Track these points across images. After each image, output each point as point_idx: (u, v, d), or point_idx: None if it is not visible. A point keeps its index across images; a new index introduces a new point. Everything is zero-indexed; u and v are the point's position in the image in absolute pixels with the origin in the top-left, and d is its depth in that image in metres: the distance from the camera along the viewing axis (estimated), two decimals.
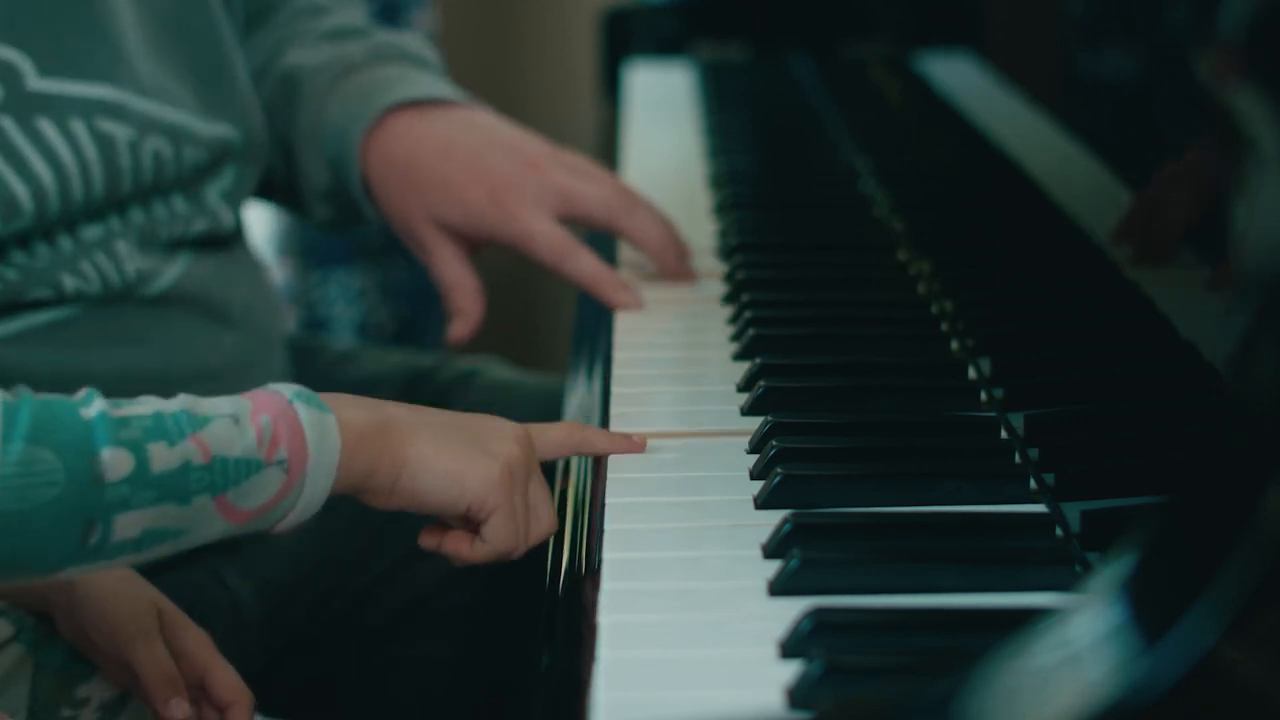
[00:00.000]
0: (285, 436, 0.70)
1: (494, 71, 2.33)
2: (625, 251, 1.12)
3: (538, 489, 0.79)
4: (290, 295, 2.17)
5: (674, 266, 1.08)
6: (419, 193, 1.06)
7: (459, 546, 0.77)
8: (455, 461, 0.75)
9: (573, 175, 1.06)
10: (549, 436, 0.81)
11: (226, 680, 0.85)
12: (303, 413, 0.71)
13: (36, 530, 0.65)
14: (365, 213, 1.10)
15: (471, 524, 0.78)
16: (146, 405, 0.69)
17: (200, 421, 0.69)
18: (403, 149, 1.06)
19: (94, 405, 0.68)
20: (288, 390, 0.73)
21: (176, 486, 0.68)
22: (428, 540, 0.78)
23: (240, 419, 0.70)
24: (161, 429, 0.68)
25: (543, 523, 0.79)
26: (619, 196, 1.06)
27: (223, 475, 0.69)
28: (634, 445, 0.83)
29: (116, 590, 0.86)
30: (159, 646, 0.85)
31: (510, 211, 1.04)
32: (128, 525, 0.67)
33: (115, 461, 0.66)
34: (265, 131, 1.09)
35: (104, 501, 0.66)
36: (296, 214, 1.19)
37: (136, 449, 0.67)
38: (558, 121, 2.30)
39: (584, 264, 1.04)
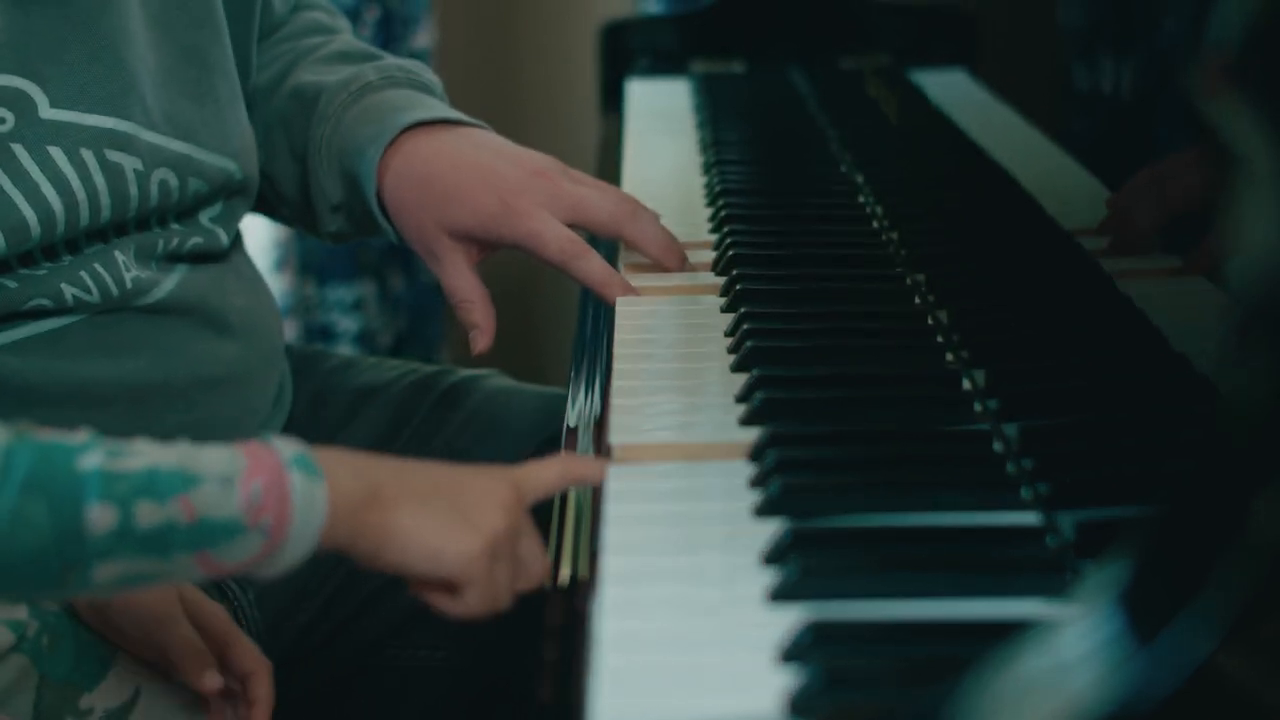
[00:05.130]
0: (273, 506, 0.72)
1: (493, 88, 2.34)
2: (627, 257, 1.13)
3: (528, 543, 0.79)
4: (289, 307, 2.18)
5: (676, 268, 1.11)
6: (432, 205, 1.07)
7: (442, 603, 0.78)
8: (435, 537, 0.76)
9: (579, 184, 1.08)
10: (541, 480, 0.81)
11: (246, 651, 0.90)
12: (295, 481, 0.72)
13: (17, 571, 0.68)
14: (379, 226, 1.11)
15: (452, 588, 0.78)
16: (144, 456, 0.70)
17: (192, 482, 0.70)
18: (416, 166, 1.08)
19: (92, 456, 0.69)
20: (287, 452, 0.73)
21: (158, 542, 0.69)
22: (416, 593, 0.79)
23: (232, 482, 0.71)
24: (152, 487, 0.69)
25: (533, 575, 0.79)
26: (623, 204, 1.08)
27: (205, 535, 0.70)
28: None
29: None
30: (185, 626, 0.88)
31: (520, 213, 1.06)
32: (106, 571, 0.69)
33: (101, 517, 0.68)
34: (258, 168, 1.11)
35: (86, 552, 0.68)
36: (305, 227, 1.20)
37: (124, 506, 0.68)
38: (558, 137, 2.30)
39: (592, 265, 1.06)
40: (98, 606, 0.87)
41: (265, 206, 1.20)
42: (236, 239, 1.13)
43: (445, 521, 0.76)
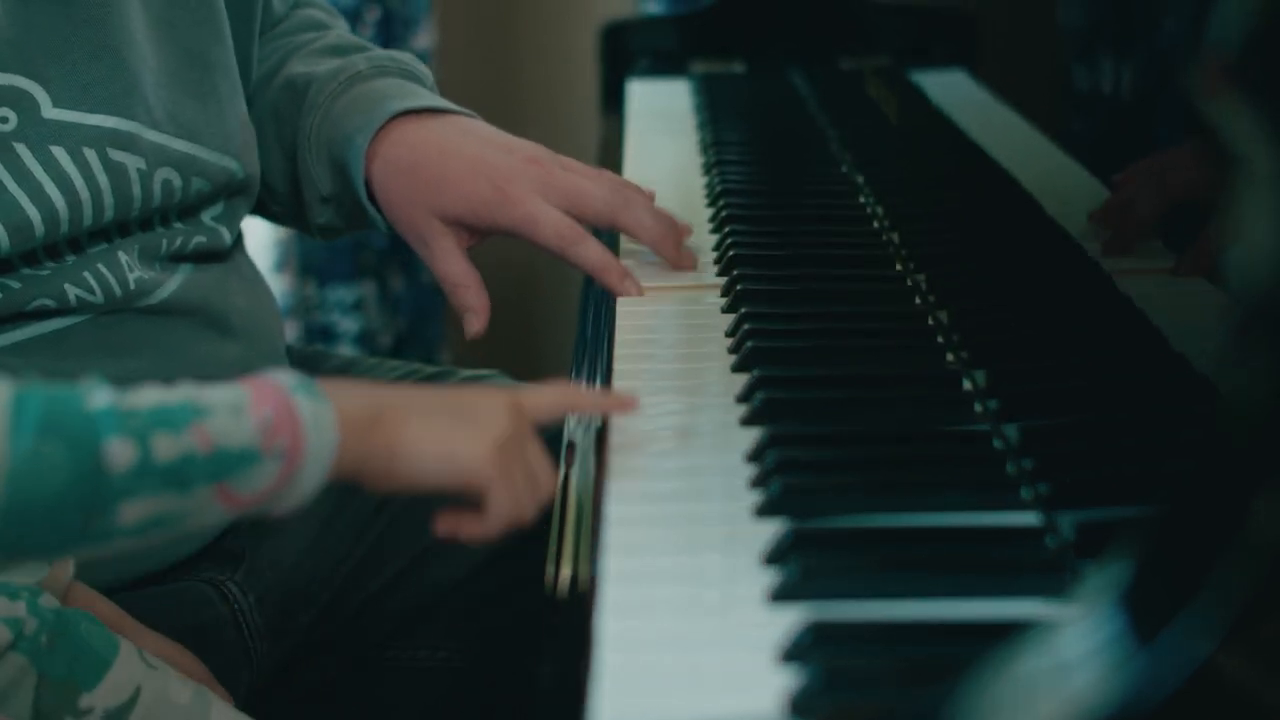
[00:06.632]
0: (285, 429, 0.71)
1: (493, 88, 2.34)
2: (627, 247, 1.13)
3: (534, 451, 0.80)
4: (289, 307, 2.18)
5: (673, 254, 1.10)
6: (421, 191, 1.07)
7: (472, 529, 0.78)
8: (445, 441, 0.76)
9: (572, 173, 1.08)
10: (539, 400, 0.82)
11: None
12: (302, 404, 0.72)
13: (42, 517, 0.66)
14: (368, 215, 1.11)
15: (472, 500, 0.78)
16: (150, 395, 0.70)
17: (202, 413, 0.70)
18: (404, 153, 1.08)
19: (100, 395, 0.69)
20: (289, 380, 0.73)
21: (179, 476, 0.69)
22: (442, 529, 0.79)
23: (241, 410, 0.71)
24: (166, 419, 0.69)
25: (543, 482, 0.80)
26: (617, 192, 1.07)
27: (223, 465, 0.70)
28: (624, 405, 0.85)
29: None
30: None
31: (514, 198, 1.05)
32: (130, 512, 0.68)
33: (121, 452, 0.67)
34: (258, 167, 1.11)
35: (108, 491, 0.67)
36: (290, 223, 1.20)
37: (141, 439, 0.68)
38: (558, 137, 2.30)
39: (590, 250, 1.06)
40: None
41: (257, 203, 1.20)
42: (238, 239, 1.13)
43: (452, 426, 0.76)
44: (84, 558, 0.91)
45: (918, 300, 1.05)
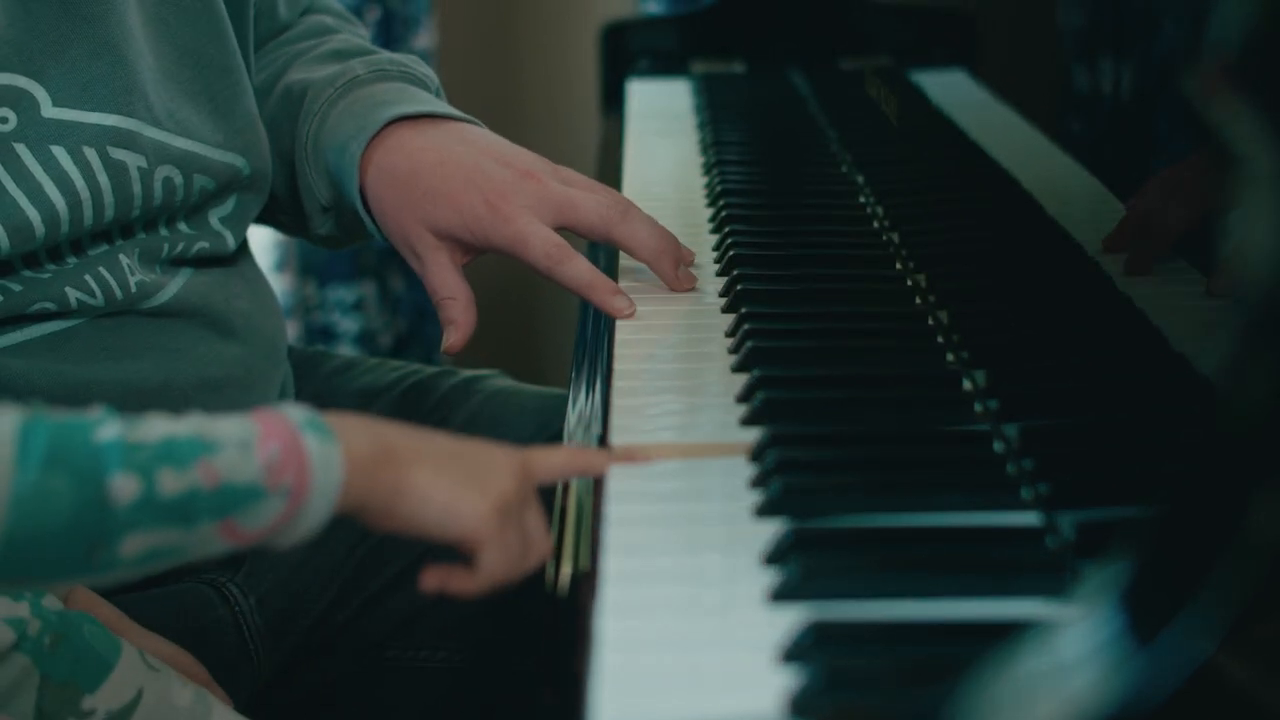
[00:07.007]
0: (291, 467, 0.72)
1: (493, 88, 2.34)
2: (625, 261, 1.13)
3: (534, 517, 0.79)
4: (289, 307, 2.18)
5: (670, 273, 1.08)
6: (415, 202, 1.05)
7: (461, 584, 0.78)
8: (449, 494, 0.76)
9: (568, 186, 1.06)
10: (549, 463, 0.82)
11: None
12: (310, 443, 0.72)
13: (46, 549, 0.67)
14: (366, 225, 1.10)
15: (465, 554, 0.78)
16: (159, 427, 0.70)
17: (210, 448, 0.70)
18: (400, 161, 1.06)
19: (109, 428, 0.69)
20: (298, 416, 0.73)
21: (182, 511, 0.69)
22: (429, 583, 0.78)
23: (249, 446, 0.71)
24: (172, 454, 0.69)
25: (537, 548, 0.79)
26: (613, 205, 1.05)
27: (228, 501, 0.70)
28: (636, 460, 0.83)
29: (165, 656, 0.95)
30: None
31: (506, 216, 1.03)
32: (132, 545, 0.68)
33: (125, 487, 0.68)
34: (270, 163, 1.09)
35: (112, 524, 0.67)
36: (297, 233, 1.19)
37: (146, 474, 0.68)
38: (558, 137, 2.31)
39: (578, 269, 1.04)
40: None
41: (263, 213, 1.19)
42: (243, 243, 1.12)
43: (460, 481, 0.76)
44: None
45: (918, 300, 1.06)
